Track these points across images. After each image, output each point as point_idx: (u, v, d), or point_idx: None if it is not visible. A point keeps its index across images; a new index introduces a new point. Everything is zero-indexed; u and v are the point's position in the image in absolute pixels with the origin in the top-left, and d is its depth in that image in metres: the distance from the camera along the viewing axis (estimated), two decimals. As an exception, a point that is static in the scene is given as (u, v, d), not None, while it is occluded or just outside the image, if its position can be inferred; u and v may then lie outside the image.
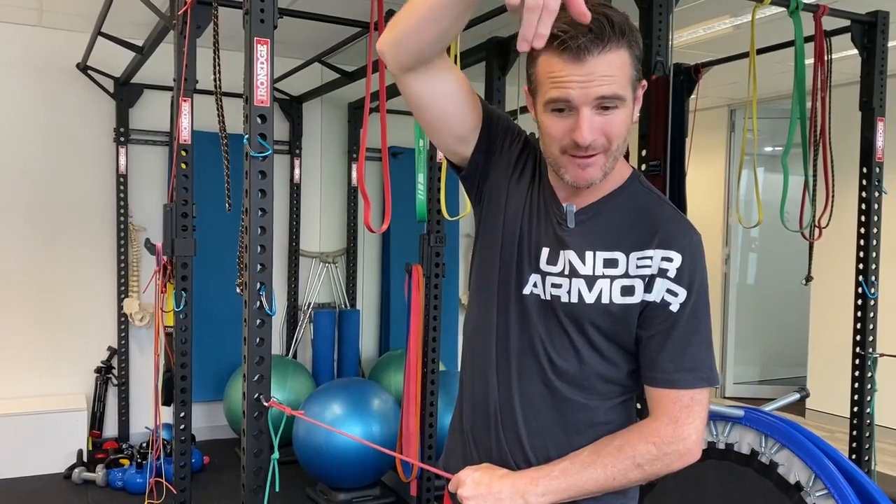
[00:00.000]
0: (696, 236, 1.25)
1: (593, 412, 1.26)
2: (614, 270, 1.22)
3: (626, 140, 1.21)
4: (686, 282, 1.21)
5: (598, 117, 1.15)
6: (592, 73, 1.11)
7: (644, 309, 1.22)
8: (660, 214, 1.26)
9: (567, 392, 1.26)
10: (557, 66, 1.13)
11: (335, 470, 3.80)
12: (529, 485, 1.20)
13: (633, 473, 1.20)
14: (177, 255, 2.95)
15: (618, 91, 1.14)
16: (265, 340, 1.99)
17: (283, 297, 5.28)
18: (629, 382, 1.28)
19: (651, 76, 2.46)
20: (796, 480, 1.83)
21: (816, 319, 5.79)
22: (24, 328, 4.58)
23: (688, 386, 1.21)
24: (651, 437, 1.20)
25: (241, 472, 2.02)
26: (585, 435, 1.26)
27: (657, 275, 1.21)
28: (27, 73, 4.53)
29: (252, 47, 1.91)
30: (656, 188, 1.33)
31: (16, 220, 4.54)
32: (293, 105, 5.21)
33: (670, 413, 1.21)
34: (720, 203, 6.45)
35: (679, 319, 1.21)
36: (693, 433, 1.20)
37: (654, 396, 1.23)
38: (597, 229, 1.25)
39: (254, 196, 1.94)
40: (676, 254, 1.21)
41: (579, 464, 1.21)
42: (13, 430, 4.25)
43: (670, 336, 1.21)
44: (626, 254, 1.23)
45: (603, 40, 1.11)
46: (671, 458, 1.20)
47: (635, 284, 1.21)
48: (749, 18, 3.02)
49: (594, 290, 1.23)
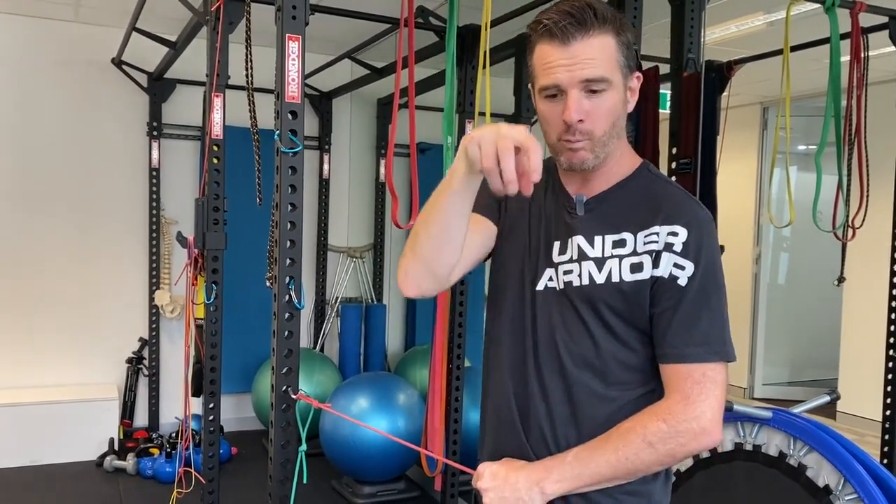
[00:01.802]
0: (704, 213, 1.26)
1: (614, 402, 1.26)
2: (623, 250, 1.24)
3: (617, 125, 1.24)
4: (692, 255, 1.21)
5: (587, 100, 1.20)
6: (577, 56, 1.19)
7: (654, 285, 1.22)
8: (666, 195, 1.28)
9: (587, 382, 1.26)
10: (546, 52, 1.21)
11: (360, 463, 3.83)
12: (544, 473, 1.22)
13: (645, 453, 1.18)
14: (208, 248, 2.99)
15: (603, 74, 1.20)
16: (294, 334, 2.01)
17: (311, 290, 5.33)
18: (649, 370, 1.27)
19: (682, 73, 2.44)
20: (825, 484, 1.81)
21: (848, 321, 5.69)
22: (59, 318, 4.67)
23: (697, 360, 1.19)
24: (662, 414, 1.19)
25: (269, 463, 2.04)
26: (605, 427, 1.25)
27: (663, 249, 1.22)
28: (63, 67, 4.62)
29: (283, 44, 1.93)
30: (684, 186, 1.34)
31: (52, 212, 4.63)
32: (323, 100, 5.25)
33: (682, 390, 1.20)
34: (752, 201, 6.36)
35: (687, 293, 1.21)
36: (707, 410, 1.18)
37: (667, 375, 1.23)
38: (605, 215, 1.28)
39: (284, 191, 1.96)
40: (682, 228, 1.22)
41: (591, 448, 1.22)
42: (48, 417, 4.35)
43: (678, 310, 1.21)
44: (633, 233, 1.25)
45: (585, 25, 1.19)
46: (685, 437, 1.17)
47: (643, 261, 1.23)
48: (783, 15, 2.98)
49: (604, 271, 1.25)
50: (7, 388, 4.50)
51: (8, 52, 4.50)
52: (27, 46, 4.53)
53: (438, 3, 3.79)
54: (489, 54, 2.53)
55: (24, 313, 4.59)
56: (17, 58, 4.52)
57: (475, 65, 3.35)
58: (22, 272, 4.57)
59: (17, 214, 4.56)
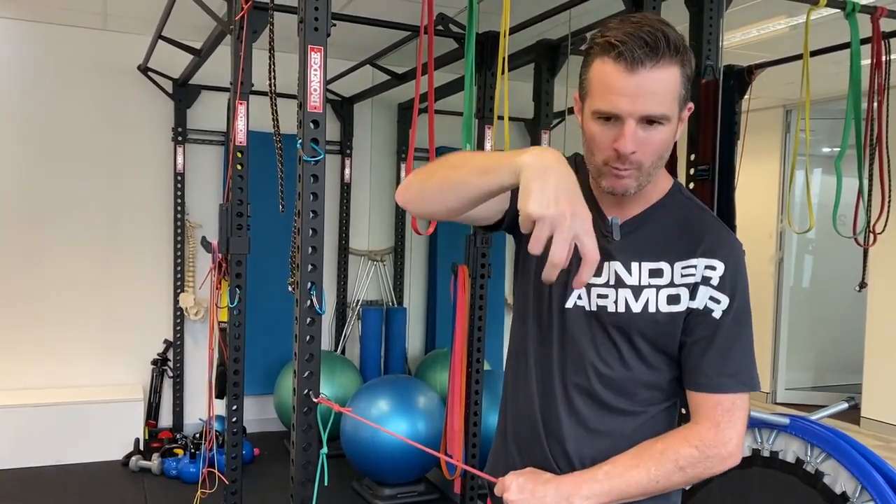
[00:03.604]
0: (738, 245, 1.27)
1: (637, 418, 1.29)
2: (660, 280, 1.25)
3: (664, 157, 1.23)
4: (729, 290, 1.23)
5: (642, 132, 1.17)
6: (642, 87, 1.13)
7: (688, 315, 1.24)
8: (702, 224, 1.28)
9: (612, 400, 1.28)
10: (610, 75, 1.15)
11: (381, 465, 3.87)
12: (573, 489, 1.22)
13: (676, 476, 1.22)
14: (232, 252, 3.04)
15: (665, 111, 1.16)
16: (315, 338, 2.05)
17: (332, 293, 5.38)
18: (672, 388, 1.30)
19: (701, 80, 2.45)
20: (842, 491, 1.81)
21: (873, 325, 5.63)
22: (85, 320, 4.76)
23: (729, 390, 1.23)
24: (693, 440, 1.22)
25: (291, 465, 2.08)
26: (629, 441, 1.27)
27: (700, 283, 1.23)
28: (91, 74, 4.71)
29: (306, 55, 1.97)
30: (700, 196, 1.35)
31: (80, 216, 4.72)
32: (344, 106, 5.30)
33: (712, 417, 1.23)
34: (774, 205, 6.32)
35: (721, 326, 1.23)
36: (734, 437, 1.22)
37: (697, 401, 1.25)
38: (641, 240, 1.28)
39: (306, 199, 1.99)
40: (720, 262, 1.23)
41: (622, 467, 1.23)
42: (74, 418, 4.43)
43: (713, 342, 1.23)
44: (670, 263, 1.25)
45: (657, 54, 1.13)
46: (713, 462, 1.22)
47: (681, 293, 1.24)
48: (804, 19, 2.97)
49: (640, 300, 1.25)
50: (34, 389, 4.60)
51: (37, 59, 4.60)
52: (56, 54, 4.63)
53: (458, 10, 3.82)
54: (508, 60, 2.55)
55: (52, 315, 4.68)
56: (46, 65, 4.62)
57: (494, 70, 3.37)
58: (50, 275, 4.67)
59: (46, 218, 4.65)
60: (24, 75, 4.58)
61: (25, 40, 4.57)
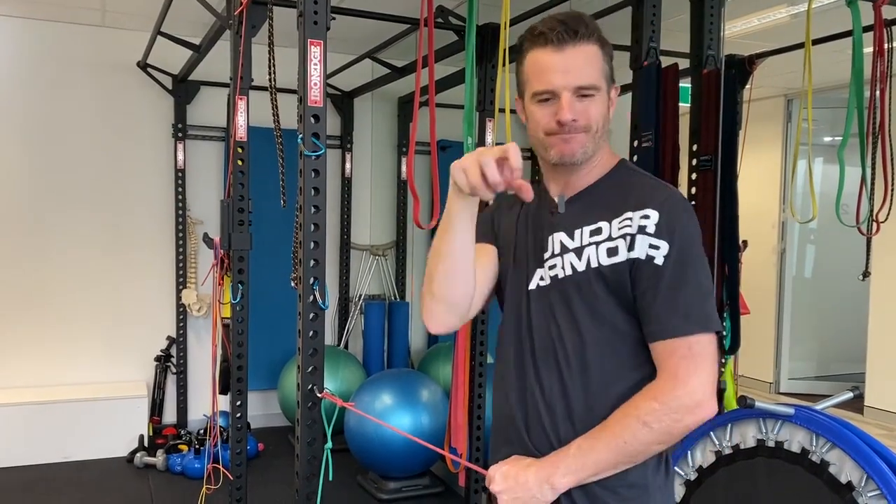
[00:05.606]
0: (676, 194, 1.31)
1: (610, 392, 1.28)
2: (599, 237, 1.30)
3: (605, 127, 1.33)
4: (666, 235, 1.25)
5: (578, 103, 1.28)
6: (570, 62, 1.27)
7: (632, 268, 1.26)
8: (639, 184, 1.34)
9: (583, 373, 1.29)
10: (541, 58, 1.29)
11: (385, 459, 3.87)
12: (551, 468, 1.26)
13: (642, 433, 1.21)
14: (233, 248, 3.04)
15: (593, 82, 1.29)
16: (318, 333, 2.05)
17: (334, 288, 5.38)
18: (642, 356, 1.28)
19: (702, 71, 2.44)
20: (848, 480, 1.81)
21: (876, 314, 5.62)
22: (88, 317, 4.77)
23: (680, 333, 1.22)
24: (652, 392, 1.23)
25: (295, 459, 2.08)
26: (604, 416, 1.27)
27: (637, 232, 1.26)
28: (90, 70, 4.71)
29: (306, 48, 1.96)
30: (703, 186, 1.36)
31: (80, 213, 4.72)
32: (344, 100, 5.29)
33: (669, 367, 1.23)
34: (776, 195, 6.30)
35: (664, 271, 1.24)
36: (699, 386, 1.21)
37: (656, 354, 1.26)
38: (584, 209, 1.34)
39: (307, 194, 1.99)
40: (653, 210, 1.26)
41: (592, 438, 1.25)
42: (80, 415, 4.45)
43: (658, 288, 1.24)
44: (608, 221, 1.30)
45: (577, 32, 1.28)
46: (679, 413, 1.20)
47: (618, 244, 1.27)
48: (806, 7, 2.95)
49: (583, 259, 1.30)
50: (39, 387, 4.61)
51: (37, 57, 4.59)
52: (55, 51, 4.62)
53: (458, 2, 3.80)
54: (508, 52, 2.55)
55: (54, 313, 4.69)
56: (46, 63, 4.61)
57: (495, 63, 3.36)
58: (51, 273, 4.67)
59: (48, 217, 4.65)
60: (24, 73, 4.58)
61: (25, 38, 4.56)
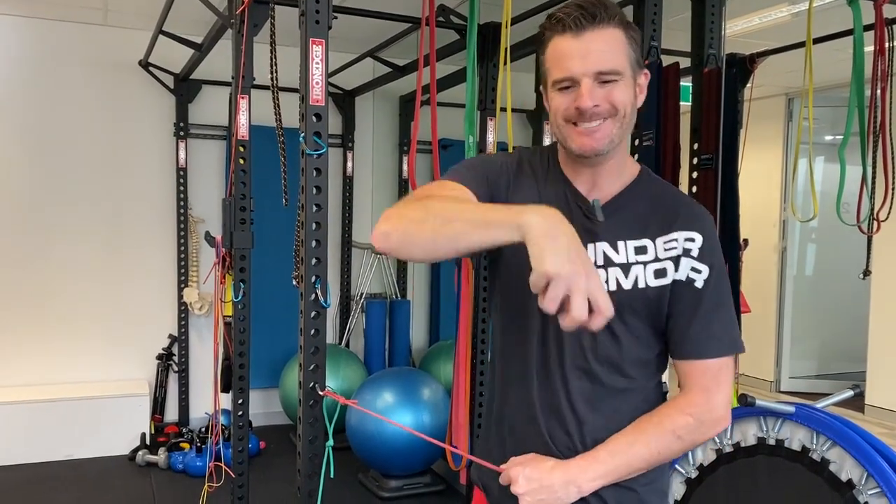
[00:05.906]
0: (710, 216, 1.35)
1: (633, 395, 1.32)
2: (645, 256, 1.29)
3: (632, 115, 1.27)
4: (708, 260, 1.29)
5: (599, 88, 1.23)
6: (589, 47, 1.22)
7: (672, 288, 1.29)
8: (674, 199, 1.35)
9: (608, 379, 1.31)
10: (560, 45, 1.24)
11: (386, 457, 3.88)
12: (579, 472, 1.25)
13: (675, 445, 1.28)
14: (235, 247, 3.05)
15: (614, 66, 1.23)
16: (320, 331, 2.05)
17: (336, 287, 5.39)
18: (659, 362, 1.36)
19: (703, 69, 2.44)
20: (848, 478, 1.81)
21: (876, 313, 5.62)
22: (90, 316, 4.78)
23: (716, 354, 1.28)
24: (687, 409, 1.28)
25: (297, 457, 2.09)
26: (629, 418, 1.31)
27: (682, 255, 1.28)
28: (92, 69, 4.71)
29: (307, 48, 1.96)
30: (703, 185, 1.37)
31: (82, 212, 4.73)
32: (346, 99, 5.29)
33: (701, 384, 1.28)
34: (777, 194, 6.30)
35: (704, 295, 1.28)
36: (724, 401, 1.29)
37: (686, 370, 1.30)
38: (623, 220, 1.32)
39: (309, 192, 2.00)
40: (698, 234, 1.29)
41: (624, 444, 1.27)
42: (81, 413, 4.46)
43: (697, 311, 1.28)
44: (652, 239, 1.30)
45: (596, 15, 1.22)
46: (707, 427, 1.28)
47: (666, 266, 1.29)
48: (807, 6, 2.95)
49: (630, 277, 1.29)
50: (41, 385, 4.62)
51: (38, 56, 4.60)
52: (57, 50, 4.63)
53: (459, 1, 3.81)
54: (510, 51, 2.55)
55: (56, 312, 4.70)
56: (47, 62, 4.62)
57: (496, 62, 3.36)
58: (53, 271, 4.68)
59: (49, 215, 4.66)
60: (26, 72, 4.58)
61: (27, 37, 4.57)
